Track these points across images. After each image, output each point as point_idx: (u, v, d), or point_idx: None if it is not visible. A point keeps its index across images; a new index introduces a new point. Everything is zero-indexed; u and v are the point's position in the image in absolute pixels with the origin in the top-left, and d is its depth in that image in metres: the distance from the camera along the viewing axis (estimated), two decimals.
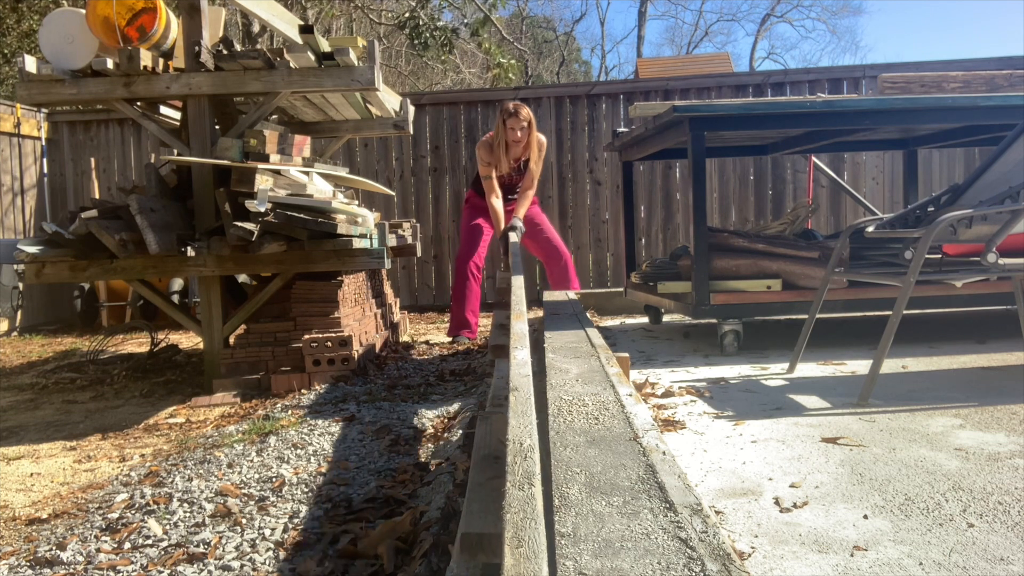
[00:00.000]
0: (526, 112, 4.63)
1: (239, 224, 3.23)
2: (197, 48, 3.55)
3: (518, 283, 2.23)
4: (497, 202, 4.68)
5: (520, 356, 1.56)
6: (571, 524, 0.85)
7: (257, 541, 1.75)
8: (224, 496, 2.06)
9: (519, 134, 4.58)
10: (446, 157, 7.05)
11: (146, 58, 3.52)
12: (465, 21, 11.26)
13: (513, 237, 4.28)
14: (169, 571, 1.63)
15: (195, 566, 1.64)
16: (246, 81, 3.58)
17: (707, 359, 3.28)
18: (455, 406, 2.90)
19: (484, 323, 5.25)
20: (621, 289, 5.02)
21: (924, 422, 2.13)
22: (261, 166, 3.35)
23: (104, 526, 1.89)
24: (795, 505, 1.56)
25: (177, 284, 6.27)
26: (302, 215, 3.34)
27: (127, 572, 1.64)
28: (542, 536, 0.75)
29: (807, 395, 2.52)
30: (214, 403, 3.32)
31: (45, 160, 7.15)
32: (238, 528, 1.83)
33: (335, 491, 2.06)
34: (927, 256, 2.37)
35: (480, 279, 4.78)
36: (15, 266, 6.03)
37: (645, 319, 4.80)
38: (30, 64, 3.58)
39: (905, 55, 50.49)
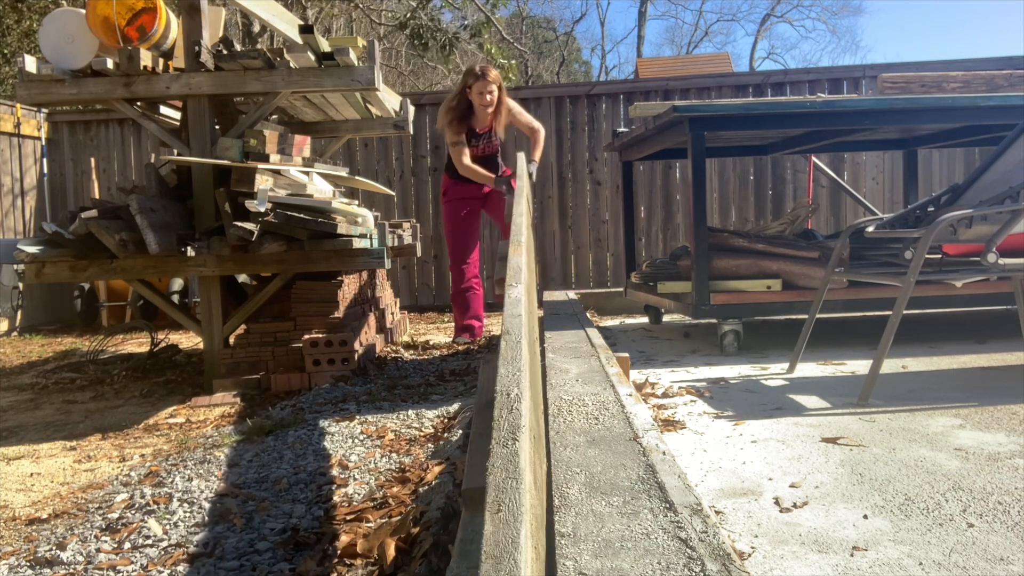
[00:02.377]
0: (495, 75, 4.19)
1: (239, 224, 3.23)
2: (197, 48, 3.55)
3: (520, 210, 2.04)
4: (470, 161, 4.25)
5: (513, 295, 1.37)
6: (571, 524, 0.85)
7: (256, 541, 1.75)
8: (224, 496, 2.06)
9: (487, 98, 4.14)
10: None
11: (146, 58, 3.52)
12: (466, 22, 11.26)
13: (523, 164, 3.38)
14: (169, 571, 1.63)
15: (195, 566, 1.64)
16: (246, 81, 3.58)
17: (707, 359, 3.28)
18: (455, 406, 2.89)
19: (493, 321, 5.25)
20: (621, 289, 5.02)
21: (924, 422, 2.12)
22: (261, 166, 3.35)
23: (104, 526, 1.89)
24: (795, 505, 1.56)
25: (177, 284, 6.26)
26: (302, 215, 3.34)
27: (127, 572, 1.64)
28: (524, 496, 0.72)
29: (807, 395, 2.51)
30: (214, 403, 3.32)
31: (45, 160, 7.15)
32: (238, 528, 1.83)
33: (335, 491, 2.06)
34: (927, 256, 2.37)
35: (480, 286, 4.49)
36: (15, 266, 6.03)
37: (645, 319, 4.80)
38: (30, 64, 3.58)
39: (905, 55, 50.55)
